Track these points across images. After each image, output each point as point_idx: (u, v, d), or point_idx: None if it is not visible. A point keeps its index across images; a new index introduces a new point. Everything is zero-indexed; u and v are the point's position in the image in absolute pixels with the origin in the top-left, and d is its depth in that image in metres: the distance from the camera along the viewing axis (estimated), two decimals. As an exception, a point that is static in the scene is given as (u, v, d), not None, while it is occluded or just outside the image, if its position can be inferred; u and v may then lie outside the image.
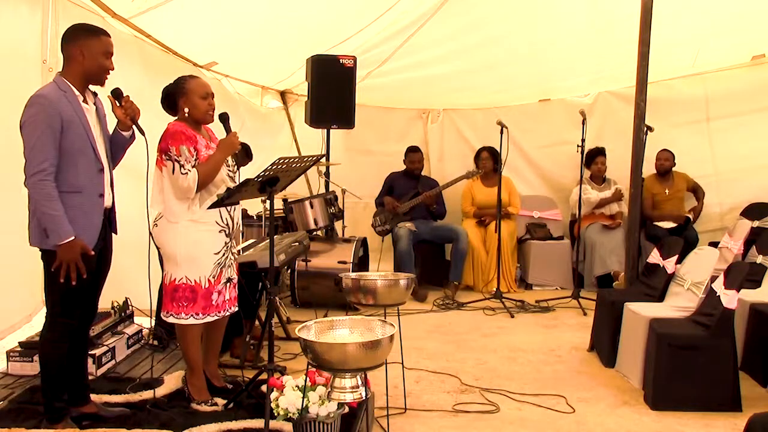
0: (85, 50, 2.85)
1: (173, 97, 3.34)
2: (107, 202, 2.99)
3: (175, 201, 3.24)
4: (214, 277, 3.33)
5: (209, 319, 3.36)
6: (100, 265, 3.03)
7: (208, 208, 3.26)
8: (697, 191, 6.73)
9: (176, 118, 3.37)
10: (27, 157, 2.74)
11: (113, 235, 3.13)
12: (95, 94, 3.00)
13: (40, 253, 2.89)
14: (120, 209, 3.15)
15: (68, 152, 2.79)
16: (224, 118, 3.38)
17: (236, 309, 3.56)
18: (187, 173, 3.18)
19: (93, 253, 2.89)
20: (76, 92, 2.86)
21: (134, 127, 3.07)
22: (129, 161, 3.22)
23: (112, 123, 3.09)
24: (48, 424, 2.94)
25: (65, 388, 3.00)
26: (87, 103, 2.91)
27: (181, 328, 3.35)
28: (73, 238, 2.77)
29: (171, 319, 3.33)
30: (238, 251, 4.01)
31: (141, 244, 3.32)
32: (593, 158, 6.63)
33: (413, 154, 6.69)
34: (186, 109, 3.30)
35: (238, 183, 3.40)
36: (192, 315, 3.30)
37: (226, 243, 3.37)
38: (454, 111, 7.53)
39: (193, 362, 3.41)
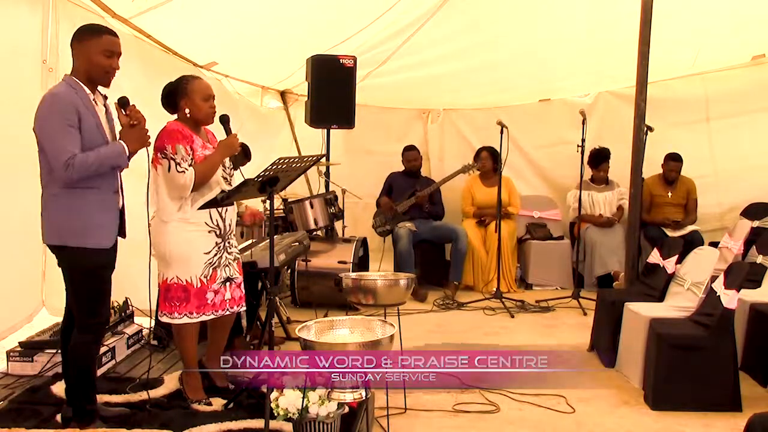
0: (85, 50, 2.85)
1: (174, 96, 3.35)
2: (120, 202, 3.00)
3: (167, 200, 3.26)
4: (206, 277, 3.32)
5: (204, 318, 3.36)
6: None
7: (200, 207, 3.27)
8: (689, 203, 6.53)
9: (175, 117, 3.38)
10: (49, 151, 2.73)
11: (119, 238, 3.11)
12: (105, 97, 3.00)
13: (57, 260, 2.88)
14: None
15: (84, 145, 2.78)
16: (225, 120, 3.39)
17: (243, 308, 3.56)
18: (184, 171, 3.20)
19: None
20: (87, 90, 2.87)
21: None
22: (130, 161, 3.22)
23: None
24: (77, 426, 2.94)
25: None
26: (97, 104, 2.92)
27: (176, 328, 3.37)
28: (122, 142, 2.85)
29: (165, 319, 3.34)
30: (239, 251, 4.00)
31: (141, 243, 3.33)
32: (599, 163, 6.55)
33: (409, 152, 6.69)
34: (187, 110, 3.32)
35: (232, 184, 3.41)
36: (186, 314, 3.31)
37: (217, 243, 3.37)
38: (454, 111, 7.52)
39: (189, 361, 3.42)
